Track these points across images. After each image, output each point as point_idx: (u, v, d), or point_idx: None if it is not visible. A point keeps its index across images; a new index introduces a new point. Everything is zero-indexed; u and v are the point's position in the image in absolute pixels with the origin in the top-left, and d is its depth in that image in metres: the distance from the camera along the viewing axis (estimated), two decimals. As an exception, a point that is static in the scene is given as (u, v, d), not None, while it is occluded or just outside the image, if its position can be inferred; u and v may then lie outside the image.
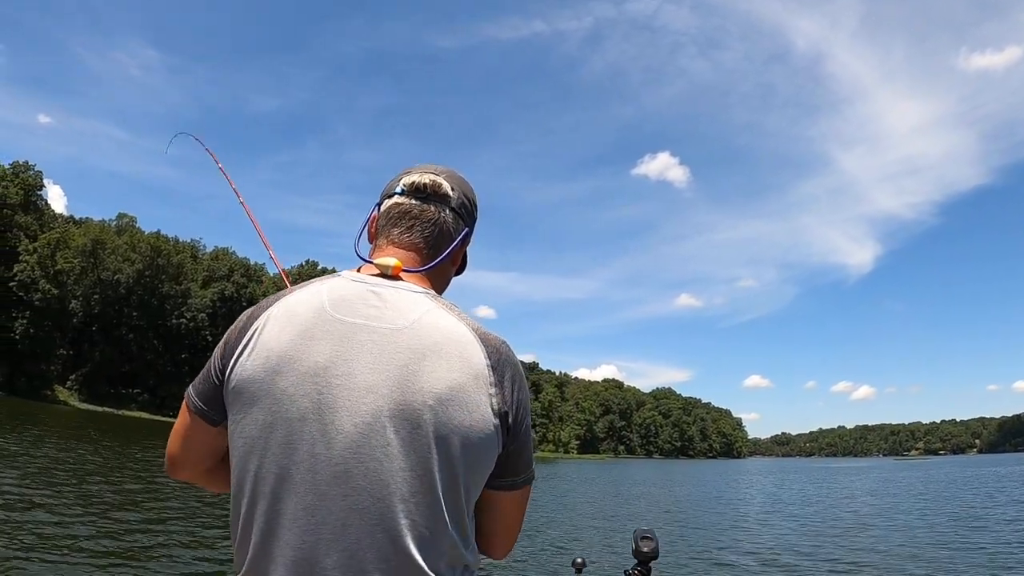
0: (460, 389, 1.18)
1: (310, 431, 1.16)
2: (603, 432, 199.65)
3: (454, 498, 1.18)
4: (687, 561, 14.03)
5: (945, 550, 15.55)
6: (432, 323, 1.23)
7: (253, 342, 1.23)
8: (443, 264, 1.42)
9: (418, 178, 1.42)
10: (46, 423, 41.07)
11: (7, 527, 10.43)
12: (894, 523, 21.98)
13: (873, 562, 14.16)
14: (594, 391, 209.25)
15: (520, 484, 1.33)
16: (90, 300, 77.63)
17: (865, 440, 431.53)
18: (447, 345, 1.21)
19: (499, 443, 1.23)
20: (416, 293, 1.29)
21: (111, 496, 15.27)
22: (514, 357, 1.29)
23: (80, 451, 26.20)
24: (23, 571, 8.32)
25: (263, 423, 1.19)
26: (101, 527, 11.53)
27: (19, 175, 72.54)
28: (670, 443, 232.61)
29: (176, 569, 9.42)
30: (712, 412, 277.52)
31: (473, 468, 1.20)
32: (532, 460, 1.35)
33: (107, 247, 79.20)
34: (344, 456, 1.15)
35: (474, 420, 1.18)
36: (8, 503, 12.46)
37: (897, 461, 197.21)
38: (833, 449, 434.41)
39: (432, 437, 1.15)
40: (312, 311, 1.24)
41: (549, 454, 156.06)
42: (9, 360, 68.86)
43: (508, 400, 1.23)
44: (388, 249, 1.39)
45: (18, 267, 70.16)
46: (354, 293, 1.27)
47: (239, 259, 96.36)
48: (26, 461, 19.46)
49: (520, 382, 1.28)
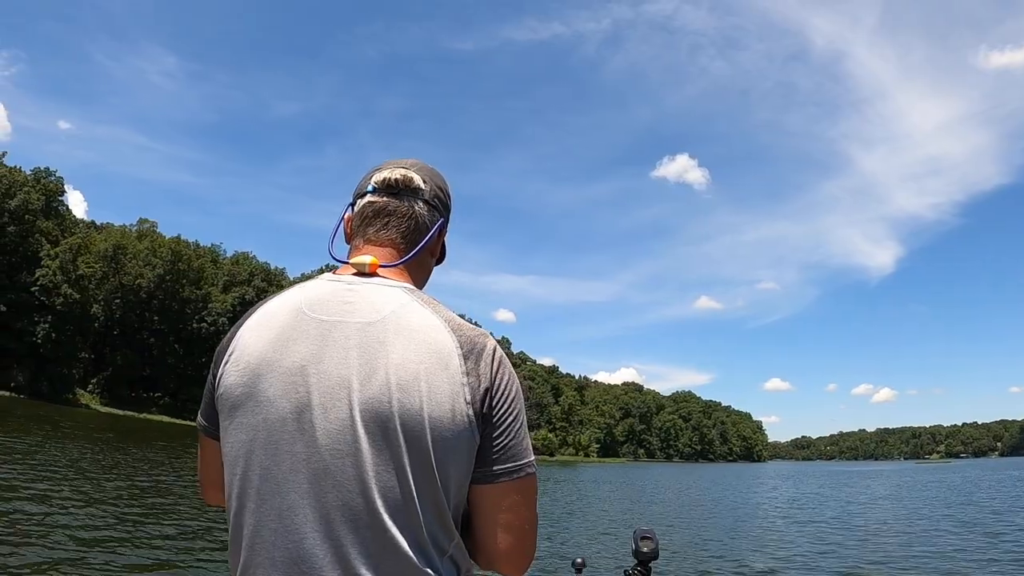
0: (426, 376, 1.16)
1: (290, 431, 1.17)
2: (623, 435, 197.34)
3: (429, 489, 1.16)
4: (687, 561, 13.91)
5: (957, 555, 14.88)
6: (405, 315, 1.22)
7: (234, 351, 1.25)
8: (421, 256, 1.41)
9: (388, 174, 1.39)
10: (71, 426, 41.28)
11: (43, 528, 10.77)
12: (899, 527, 21.49)
13: (876, 563, 13.94)
14: (614, 394, 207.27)
15: (501, 476, 1.23)
16: (111, 304, 77.39)
17: (886, 443, 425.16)
18: (415, 334, 1.20)
19: (474, 432, 1.19)
20: (392, 287, 1.28)
21: (141, 495, 15.95)
22: (492, 346, 1.25)
23: (122, 454, 27.03)
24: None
25: (248, 426, 1.20)
26: (131, 529, 11.92)
27: (40, 181, 72.69)
28: (690, 446, 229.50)
29: (178, 568, 9.59)
30: (732, 415, 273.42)
31: (445, 456, 1.16)
32: (522, 455, 1.25)
33: (128, 252, 78.90)
34: (322, 453, 1.15)
35: (442, 407, 1.16)
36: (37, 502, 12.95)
37: (918, 464, 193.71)
38: (854, 452, 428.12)
39: (400, 426, 1.14)
40: (288, 313, 1.25)
41: (569, 457, 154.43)
42: (32, 364, 68.78)
43: (484, 388, 1.20)
44: (364, 248, 1.37)
45: (40, 272, 70.11)
46: (330, 292, 1.27)
47: (259, 263, 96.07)
48: (68, 464, 20.00)
49: (500, 371, 1.23)
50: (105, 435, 38.04)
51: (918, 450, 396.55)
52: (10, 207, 68.54)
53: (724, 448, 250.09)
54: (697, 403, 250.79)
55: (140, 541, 11.04)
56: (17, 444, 24.46)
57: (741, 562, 14.13)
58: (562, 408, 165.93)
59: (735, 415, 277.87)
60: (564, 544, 15.63)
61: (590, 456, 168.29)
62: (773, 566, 13.75)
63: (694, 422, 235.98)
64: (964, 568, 13.30)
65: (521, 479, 1.25)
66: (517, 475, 1.24)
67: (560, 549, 14.64)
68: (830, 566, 13.75)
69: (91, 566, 9.03)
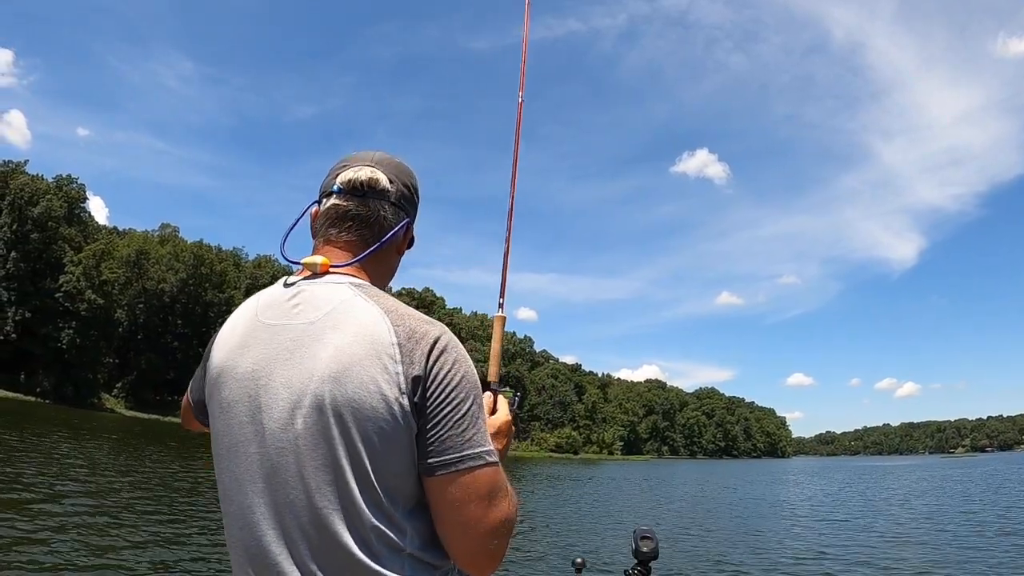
0: (353, 364, 1.16)
1: (247, 434, 1.21)
2: (646, 433, 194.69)
3: (365, 481, 1.15)
4: (688, 561, 13.76)
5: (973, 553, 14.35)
6: (344, 310, 1.22)
7: (206, 360, 1.35)
8: (381, 254, 1.39)
9: (353, 175, 1.36)
10: (92, 428, 41.52)
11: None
12: (904, 522, 21.20)
13: (879, 562, 13.63)
14: (637, 392, 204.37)
15: (438, 470, 1.18)
16: (135, 309, 77.09)
17: (910, 438, 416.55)
18: (348, 326, 1.20)
19: (409, 422, 1.17)
20: (337, 284, 1.28)
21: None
22: (436, 334, 1.22)
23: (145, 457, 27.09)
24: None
25: (217, 432, 1.27)
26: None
27: (63, 188, 72.57)
28: (714, 443, 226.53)
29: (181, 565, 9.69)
30: (755, 411, 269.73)
31: (378, 447, 1.15)
32: (464, 447, 1.19)
33: (151, 257, 78.51)
34: (270, 452, 1.17)
35: (374, 396, 1.14)
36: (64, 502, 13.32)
37: (943, 459, 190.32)
38: (878, 447, 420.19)
39: (332, 419, 1.14)
40: (245, 320, 1.30)
41: (593, 456, 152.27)
42: (56, 369, 68.57)
43: (418, 376, 1.17)
44: (323, 248, 1.37)
45: (64, 278, 69.91)
46: (280, 296, 1.29)
47: (281, 266, 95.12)
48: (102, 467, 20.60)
49: (440, 359, 1.20)
50: (129, 438, 37.80)
51: (943, 444, 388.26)
52: (33, 214, 68.38)
53: (748, 444, 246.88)
54: (720, 399, 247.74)
55: (157, 542, 11.12)
56: (40, 447, 24.67)
57: (742, 562, 13.92)
58: (585, 406, 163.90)
59: (758, 411, 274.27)
60: (565, 543, 15.38)
61: (614, 454, 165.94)
62: (774, 566, 13.51)
63: (717, 419, 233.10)
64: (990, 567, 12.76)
65: (462, 472, 1.18)
66: (457, 467, 1.18)
67: (560, 548, 14.41)
68: (832, 567, 13.39)
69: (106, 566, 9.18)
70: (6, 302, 67.42)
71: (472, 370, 1.24)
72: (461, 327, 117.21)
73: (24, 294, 68.19)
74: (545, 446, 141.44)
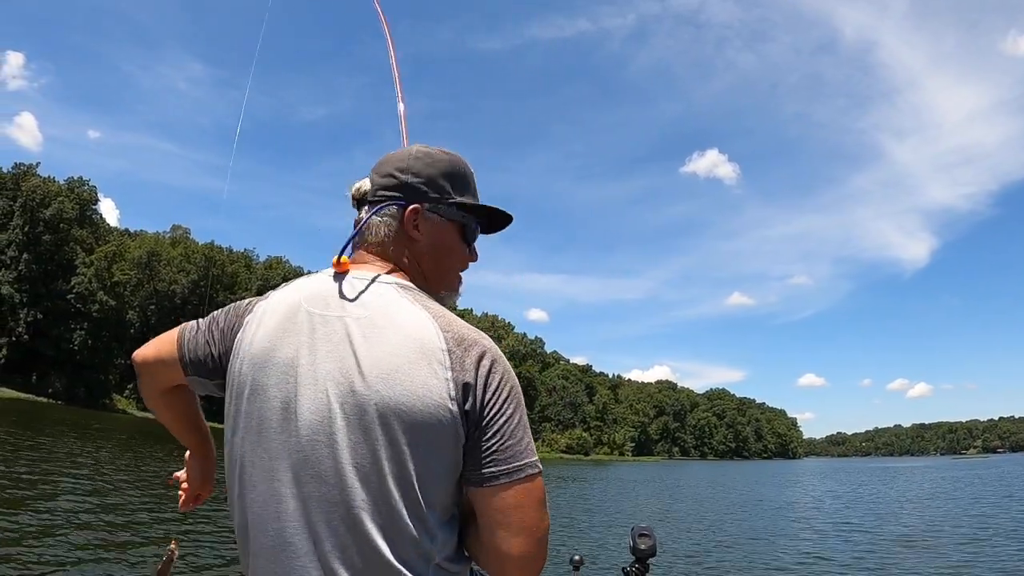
0: (402, 366, 1.16)
1: (278, 420, 1.20)
2: (657, 434, 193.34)
3: (404, 484, 1.14)
4: (686, 559, 13.82)
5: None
6: (392, 310, 1.23)
7: (241, 341, 1.29)
8: (397, 250, 1.36)
9: (350, 192, 1.44)
10: (104, 429, 41.40)
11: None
12: (911, 524, 20.82)
13: (881, 564, 13.42)
14: (647, 393, 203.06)
15: (495, 479, 1.19)
16: (147, 310, 76.68)
17: (922, 439, 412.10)
18: (400, 328, 1.20)
19: (458, 430, 1.17)
20: (384, 284, 1.28)
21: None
22: (483, 345, 1.22)
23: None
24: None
25: (245, 414, 1.24)
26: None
27: (74, 190, 72.34)
28: (724, 444, 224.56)
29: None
30: (766, 412, 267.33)
31: (422, 452, 1.15)
32: (519, 456, 1.21)
33: (162, 258, 78.14)
34: (302, 444, 1.16)
35: (420, 400, 1.14)
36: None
37: (955, 460, 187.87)
38: (890, 448, 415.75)
39: (376, 419, 1.14)
40: (288, 307, 1.28)
41: (604, 456, 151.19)
42: (68, 370, 68.43)
43: (469, 384, 1.17)
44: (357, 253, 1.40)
45: (76, 280, 69.78)
46: (327, 287, 1.29)
47: (293, 268, 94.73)
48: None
49: (493, 368, 1.20)
50: (138, 439, 37.13)
51: (955, 445, 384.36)
52: (45, 216, 68.20)
53: (759, 445, 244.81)
54: (731, 400, 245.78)
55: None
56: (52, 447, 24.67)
57: (740, 561, 13.87)
58: (596, 407, 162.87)
59: (769, 412, 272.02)
60: (564, 542, 15.12)
61: (625, 455, 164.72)
62: (771, 566, 13.46)
63: (728, 420, 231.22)
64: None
65: (519, 481, 1.20)
66: (515, 476, 1.20)
67: (559, 547, 13.96)
68: (835, 567, 13.28)
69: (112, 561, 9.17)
70: (18, 304, 67.14)
71: (517, 380, 1.24)
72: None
73: (36, 296, 67.94)
74: (556, 447, 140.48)
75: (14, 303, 66.97)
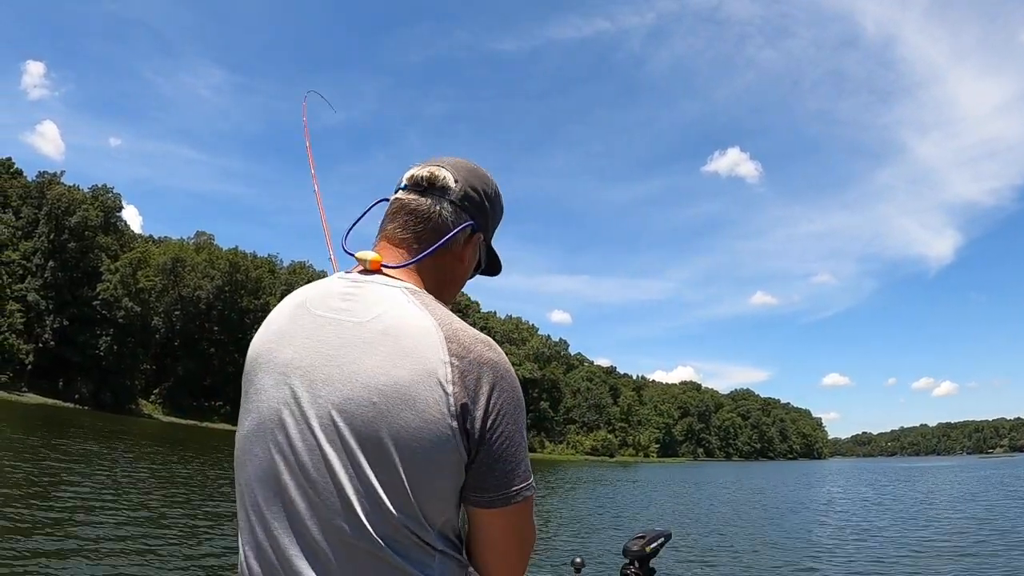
0: (405, 384, 1.10)
1: (275, 421, 1.16)
2: (682, 435, 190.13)
3: (402, 500, 1.09)
4: (689, 561, 13.81)
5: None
6: (396, 316, 1.16)
7: (252, 342, 1.29)
8: (436, 259, 1.30)
9: (418, 171, 1.33)
10: (143, 435, 42.19)
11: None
12: (929, 524, 20.42)
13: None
14: (672, 394, 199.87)
15: (496, 502, 1.16)
16: (172, 316, 76.13)
17: (948, 438, 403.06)
18: (402, 339, 1.13)
19: (458, 448, 1.11)
20: (391, 287, 1.22)
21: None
22: (494, 358, 1.16)
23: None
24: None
25: (246, 413, 1.22)
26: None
27: (98, 198, 72.26)
28: (749, 445, 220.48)
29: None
30: (791, 412, 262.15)
31: (419, 470, 1.09)
32: (517, 477, 1.17)
33: (186, 264, 77.55)
34: (297, 449, 1.12)
35: (418, 418, 1.09)
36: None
37: (981, 459, 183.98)
38: (916, 448, 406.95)
39: (374, 431, 1.09)
40: (292, 309, 1.25)
41: (629, 458, 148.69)
42: (95, 376, 68.16)
43: (473, 402, 1.11)
44: (379, 244, 1.32)
45: (101, 286, 69.63)
46: (334, 289, 1.24)
47: (317, 272, 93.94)
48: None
49: (498, 386, 1.14)
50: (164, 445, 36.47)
51: (981, 444, 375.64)
52: (70, 224, 68.09)
53: (784, 446, 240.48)
54: (755, 401, 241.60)
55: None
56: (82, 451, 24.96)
57: (750, 564, 13.85)
58: (621, 409, 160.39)
59: (794, 412, 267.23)
60: (564, 543, 15.27)
61: (650, 456, 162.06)
62: (774, 565, 13.55)
63: (753, 420, 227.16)
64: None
65: (514, 504, 1.17)
66: (515, 500, 1.17)
67: (560, 549, 14.27)
68: (836, 568, 13.28)
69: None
70: (44, 310, 66.93)
71: (522, 395, 1.21)
72: (496, 331, 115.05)
73: (62, 302, 67.76)
74: (581, 449, 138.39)
75: (40, 310, 66.75)
